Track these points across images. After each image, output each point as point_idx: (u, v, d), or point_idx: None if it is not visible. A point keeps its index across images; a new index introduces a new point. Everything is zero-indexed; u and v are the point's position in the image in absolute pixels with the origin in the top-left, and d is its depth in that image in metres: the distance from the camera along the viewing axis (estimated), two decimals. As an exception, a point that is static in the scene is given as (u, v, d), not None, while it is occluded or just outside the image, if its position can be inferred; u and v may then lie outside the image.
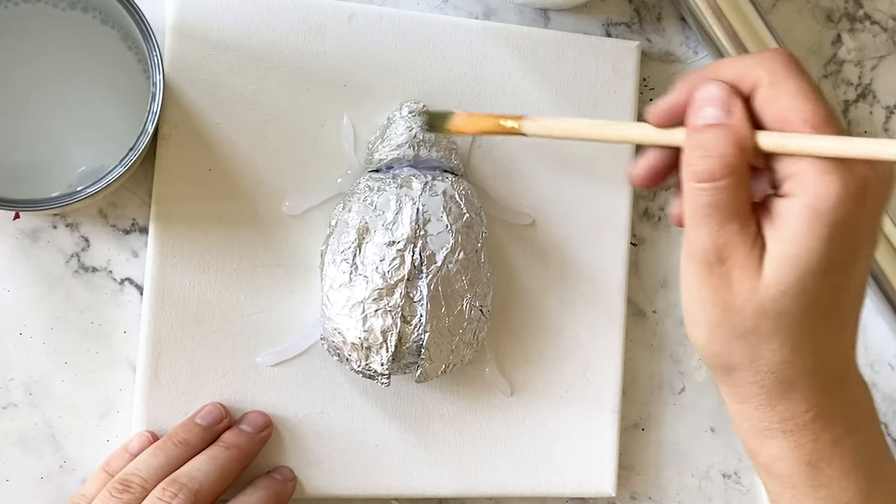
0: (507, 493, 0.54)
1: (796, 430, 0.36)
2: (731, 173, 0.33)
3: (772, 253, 0.33)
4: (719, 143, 0.33)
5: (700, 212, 0.34)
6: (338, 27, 0.51)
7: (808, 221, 0.32)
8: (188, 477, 0.44)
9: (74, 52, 0.46)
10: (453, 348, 0.49)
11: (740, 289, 0.34)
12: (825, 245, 0.32)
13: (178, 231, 0.49)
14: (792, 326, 0.34)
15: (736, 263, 0.34)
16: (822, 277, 0.33)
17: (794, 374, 0.35)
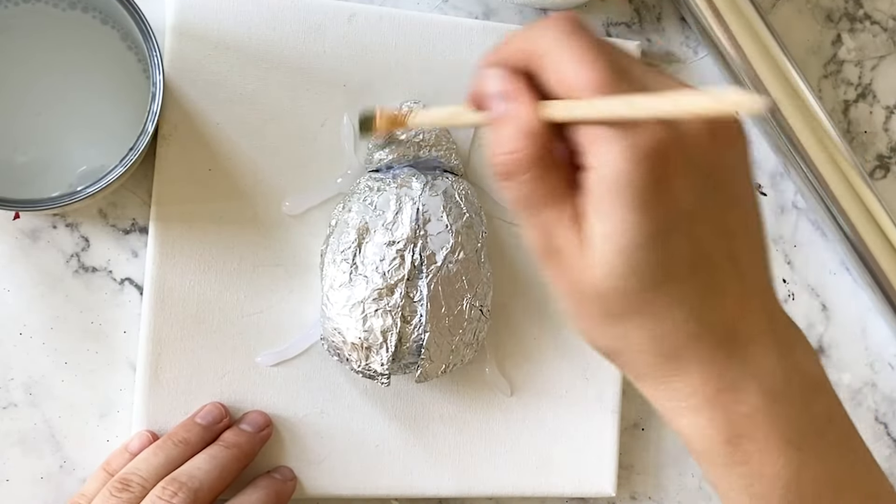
0: (507, 493, 0.54)
1: (703, 407, 0.33)
2: (528, 166, 0.32)
3: (589, 233, 0.32)
4: (509, 140, 0.32)
5: (515, 206, 0.33)
6: (338, 27, 0.51)
7: (611, 195, 0.30)
8: (188, 476, 0.44)
9: (74, 52, 0.46)
10: (453, 348, 0.49)
11: (575, 275, 0.32)
12: (639, 213, 0.30)
13: (178, 231, 0.49)
14: (643, 301, 0.32)
15: (564, 250, 0.32)
16: (651, 246, 0.31)
17: (673, 347, 0.33)
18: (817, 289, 0.60)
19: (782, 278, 0.60)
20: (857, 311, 0.61)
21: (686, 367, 0.33)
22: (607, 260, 0.31)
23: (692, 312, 0.33)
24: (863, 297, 0.61)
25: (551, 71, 0.32)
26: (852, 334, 0.61)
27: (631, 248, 0.31)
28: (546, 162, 0.32)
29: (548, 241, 0.33)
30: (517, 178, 0.32)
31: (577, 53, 0.31)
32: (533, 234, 0.33)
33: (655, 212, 0.31)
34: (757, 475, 0.34)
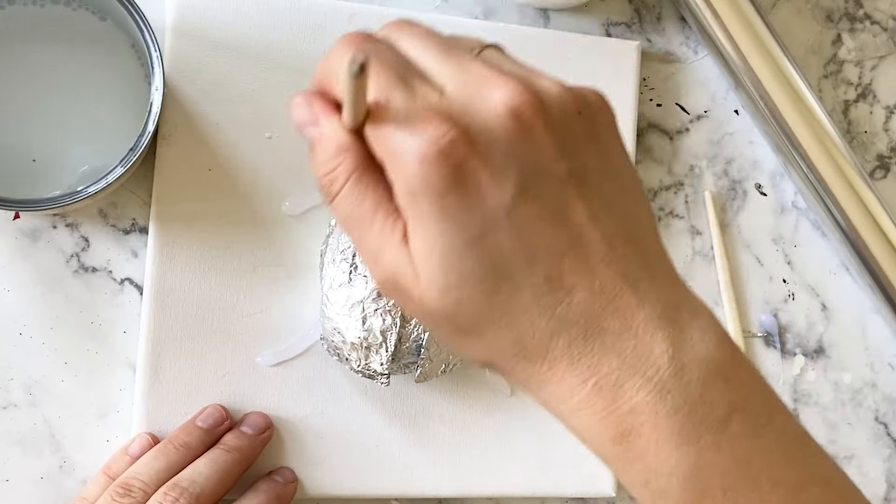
0: (507, 493, 0.53)
1: (584, 407, 0.31)
2: (346, 179, 0.31)
3: (412, 252, 0.30)
4: (325, 160, 0.31)
5: (343, 224, 0.31)
6: (338, 27, 0.51)
7: (413, 206, 0.29)
8: (189, 481, 0.44)
9: (75, 52, 0.46)
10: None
11: (414, 297, 0.31)
12: (447, 222, 0.29)
13: (178, 231, 0.49)
14: (486, 309, 0.30)
15: (396, 273, 0.31)
16: (472, 252, 0.29)
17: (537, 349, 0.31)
18: (817, 289, 0.60)
19: (782, 278, 0.60)
20: (857, 311, 0.61)
21: (556, 366, 0.31)
22: (434, 276, 0.29)
23: (541, 309, 0.30)
24: (863, 297, 0.61)
25: (335, 86, 0.31)
26: (852, 334, 0.61)
27: (451, 257, 0.29)
28: (367, 175, 0.30)
29: (381, 264, 0.31)
30: (341, 192, 0.30)
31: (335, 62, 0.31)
32: (367, 257, 0.31)
33: (464, 214, 0.29)
34: (653, 471, 0.31)
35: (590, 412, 0.31)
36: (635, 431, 0.31)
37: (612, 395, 0.31)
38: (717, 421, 0.31)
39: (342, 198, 0.31)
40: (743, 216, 0.59)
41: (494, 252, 0.29)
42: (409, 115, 0.29)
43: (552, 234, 0.30)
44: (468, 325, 0.31)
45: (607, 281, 0.31)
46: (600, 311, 0.31)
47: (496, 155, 0.29)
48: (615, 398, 0.31)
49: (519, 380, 0.32)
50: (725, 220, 0.59)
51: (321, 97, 0.32)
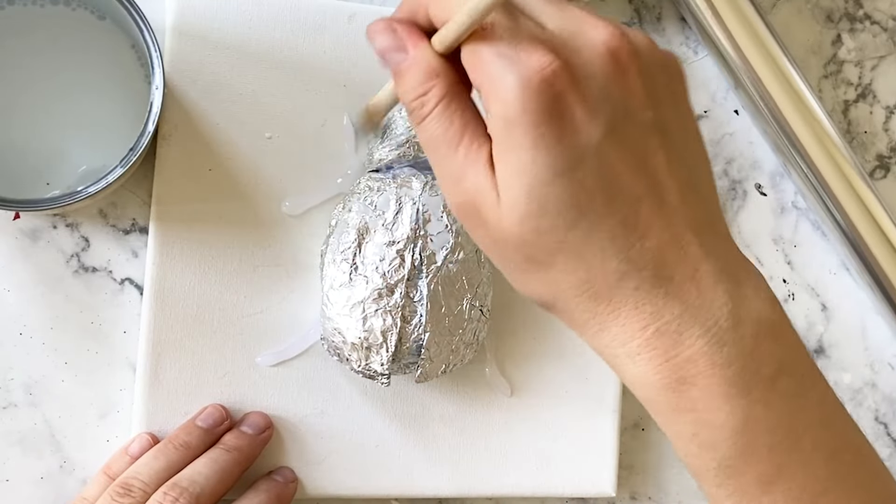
0: (507, 493, 0.54)
1: (642, 352, 0.31)
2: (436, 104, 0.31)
3: (498, 177, 0.30)
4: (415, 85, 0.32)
5: (429, 149, 0.32)
6: (338, 27, 0.51)
7: (507, 132, 0.30)
8: (189, 481, 0.44)
9: (75, 51, 0.46)
10: (453, 348, 0.49)
11: (492, 223, 0.31)
12: (536, 151, 0.29)
13: (178, 231, 0.49)
14: (561, 241, 0.31)
15: (476, 197, 0.31)
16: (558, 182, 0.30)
17: (603, 286, 0.31)
18: (817, 289, 0.60)
19: (782, 278, 0.60)
20: (857, 311, 0.61)
21: (620, 309, 0.31)
22: (517, 202, 0.30)
23: (615, 250, 0.31)
24: (863, 297, 0.61)
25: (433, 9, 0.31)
26: (852, 334, 0.61)
27: (537, 186, 0.30)
28: (457, 101, 0.31)
29: (462, 188, 0.31)
30: (430, 115, 0.31)
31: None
32: (448, 181, 0.32)
33: (556, 146, 0.29)
34: (703, 423, 0.32)
35: (647, 357, 0.31)
36: (690, 380, 0.31)
37: (672, 342, 0.31)
38: (767, 378, 0.31)
39: (431, 120, 0.31)
40: (743, 216, 0.59)
41: (578, 187, 0.30)
42: (513, 42, 0.30)
43: (632, 178, 0.31)
44: (539, 256, 0.31)
45: (678, 230, 0.31)
46: (669, 258, 0.31)
47: (593, 92, 0.30)
48: (674, 345, 0.31)
49: (577, 320, 0.32)
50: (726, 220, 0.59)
51: (405, 24, 0.32)
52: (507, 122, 0.29)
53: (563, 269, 0.31)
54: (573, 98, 0.29)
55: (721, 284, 0.31)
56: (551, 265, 0.31)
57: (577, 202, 0.30)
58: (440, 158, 0.32)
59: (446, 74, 0.31)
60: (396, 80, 0.33)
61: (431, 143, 0.32)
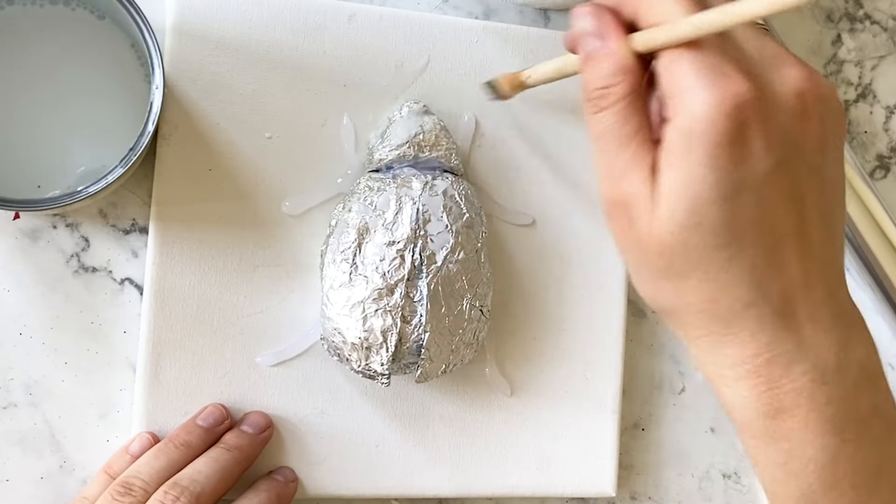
0: (507, 493, 0.54)
1: (749, 377, 0.33)
2: (618, 99, 0.32)
3: (661, 183, 0.31)
4: (603, 75, 0.33)
5: (597, 141, 0.33)
6: (338, 27, 0.51)
7: (687, 145, 0.30)
8: (190, 480, 0.44)
9: (75, 51, 0.46)
10: (453, 348, 0.49)
11: (642, 225, 0.32)
12: (710, 170, 0.30)
13: (178, 231, 0.49)
14: (704, 259, 0.32)
15: (632, 198, 0.32)
16: (720, 204, 0.31)
17: (728, 311, 0.32)
18: (817, 289, 0.60)
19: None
20: (857, 311, 0.61)
21: (739, 333, 0.33)
22: (675, 213, 0.31)
23: (751, 278, 0.32)
24: (863, 297, 0.61)
25: (645, 13, 0.32)
26: (852, 334, 0.61)
27: (700, 203, 0.31)
28: (637, 101, 0.32)
29: (620, 186, 0.32)
30: (609, 109, 0.32)
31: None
32: (608, 176, 0.33)
33: (729, 170, 0.30)
34: (794, 454, 0.33)
35: (753, 383, 0.33)
36: (789, 411, 0.33)
37: (780, 373, 0.32)
38: (861, 420, 0.33)
39: (609, 114, 0.32)
40: (743, 216, 0.59)
41: (737, 212, 0.31)
42: (716, 62, 0.31)
43: (785, 215, 0.32)
44: (678, 267, 0.32)
45: (811, 272, 0.33)
46: (796, 296, 0.33)
47: (775, 126, 0.31)
48: (781, 376, 0.32)
49: (690, 334, 0.34)
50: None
51: (610, 14, 0.33)
52: (690, 135, 0.30)
53: (696, 284, 0.32)
54: (756, 128, 0.31)
55: (835, 329, 0.33)
56: (686, 278, 0.32)
57: (732, 226, 0.31)
58: (607, 152, 0.33)
59: (635, 73, 0.32)
60: (586, 64, 0.33)
61: (603, 136, 0.33)
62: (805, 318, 0.33)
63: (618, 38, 0.33)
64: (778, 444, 0.33)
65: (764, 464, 0.35)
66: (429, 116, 0.51)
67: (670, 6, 0.32)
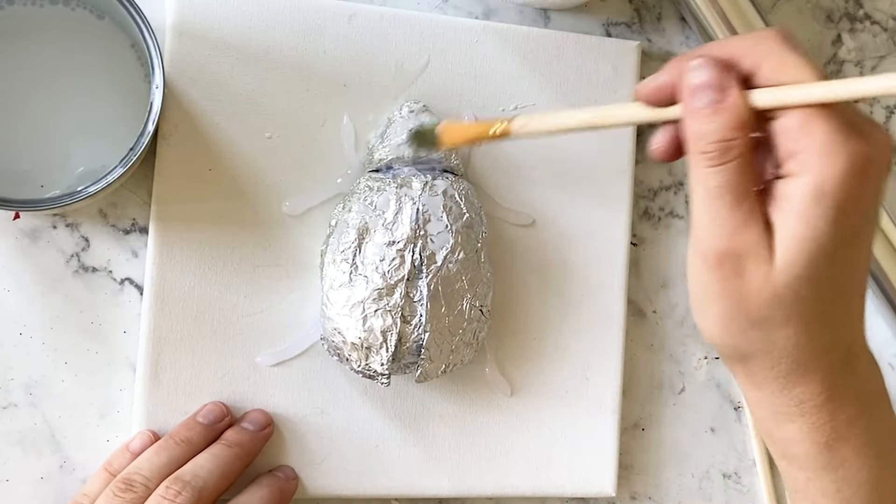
0: (507, 493, 0.54)
1: (812, 412, 0.35)
2: (739, 154, 0.33)
3: (782, 236, 0.33)
4: (722, 129, 0.33)
5: (712, 194, 0.33)
6: (338, 27, 0.51)
7: (815, 201, 0.32)
8: (192, 475, 0.44)
9: (75, 51, 0.46)
10: (453, 348, 0.49)
11: (754, 277, 0.33)
12: (832, 225, 0.32)
13: (178, 231, 0.49)
14: (805, 310, 0.34)
15: (748, 250, 0.33)
16: (832, 257, 0.33)
17: (809, 356, 0.35)
18: (817, 289, 0.60)
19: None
20: (857, 311, 0.61)
21: (812, 376, 0.35)
22: (795, 265, 0.33)
23: (833, 327, 0.34)
24: (863, 297, 0.61)
25: (771, 79, 0.33)
26: (852, 334, 0.61)
27: (819, 256, 0.32)
28: (750, 157, 0.33)
29: (733, 239, 0.33)
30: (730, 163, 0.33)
31: (801, 62, 0.33)
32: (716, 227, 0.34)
33: (846, 222, 0.32)
34: (847, 480, 0.36)
35: (815, 417, 0.36)
36: (843, 439, 0.36)
37: (837, 406, 0.35)
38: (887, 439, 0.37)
39: (729, 168, 0.33)
40: (743, 216, 0.59)
41: (843, 264, 0.33)
42: (846, 124, 0.32)
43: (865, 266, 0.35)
44: (779, 317, 0.34)
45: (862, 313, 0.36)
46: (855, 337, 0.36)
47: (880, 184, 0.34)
48: (837, 409, 0.35)
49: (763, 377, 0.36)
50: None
51: (727, 68, 0.34)
52: (820, 193, 0.32)
53: (790, 333, 0.34)
54: (871, 187, 0.33)
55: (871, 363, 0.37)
56: (783, 326, 0.34)
57: (835, 279, 0.33)
58: (721, 206, 0.34)
59: (750, 129, 0.33)
60: (699, 117, 0.34)
61: (718, 190, 0.33)
62: (856, 356, 0.36)
63: (739, 92, 0.33)
64: (833, 473, 0.36)
65: (813, 494, 0.37)
66: (429, 116, 0.51)
67: (802, 69, 0.33)
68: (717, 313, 0.35)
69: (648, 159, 0.58)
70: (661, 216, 0.58)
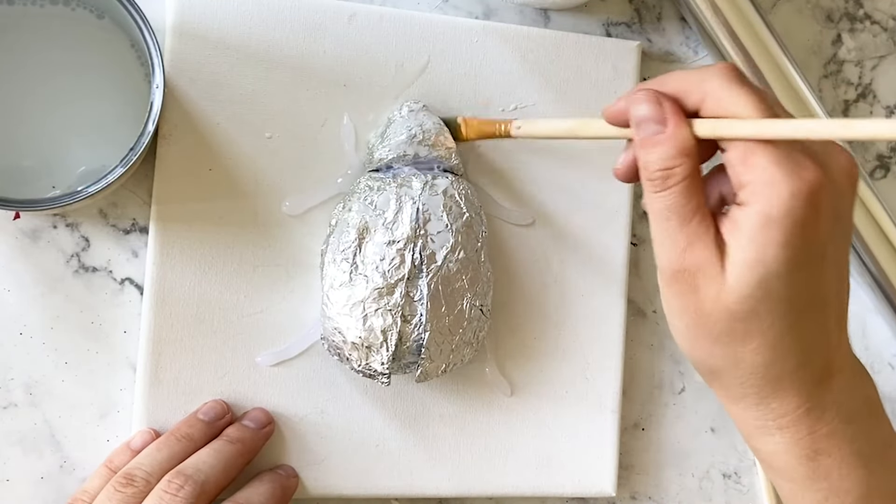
0: (507, 493, 0.53)
1: (791, 426, 0.36)
2: (681, 180, 0.35)
3: (732, 258, 0.34)
4: (664, 157, 0.35)
5: (660, 216, 0.36)
6: (338, 27, 0.51)
7: (763, 228, 0.33)
8: (194, 469, 0.44)
9: (75, 51, 0.46)
10: (453, 348, 0.49)
11: (707, 293, 0.35)
12: (783, 249, 0.33)
13: (178, 231, 0.49)
14: (766, 327, 0.35)
15: (699, 267, 0.35)
16: (787, 278, 0.34)
17: (780, 372, 0.36)
18: (817, 289, 0.60)
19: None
20: (857, 311, 0.61)
21: (786, 391, 0.36)
22: (746, 285, 0.34)
23: (802, 344, 0.35)
24: (863, 297, 0.61)
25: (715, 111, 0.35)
26: (852, 334, 0.60)
27: (771, 278, 0.34)
28: (697, 179, 0.35)
29: (682, 255, 0.35)
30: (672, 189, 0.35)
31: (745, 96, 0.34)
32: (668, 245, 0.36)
33: (800, 248, 0.34)
34: (833, 490, 0.37)
35: (793, 431, 0.37)
36: (826, 452, 0.37)
37: (816, 419, 0.36)
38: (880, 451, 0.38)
39: (672, 193, 0.35)
40: (743, 216, 0.59)
41: (802, 286, 0.34)
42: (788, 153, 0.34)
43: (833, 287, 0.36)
44: (739, 333, 0.35)
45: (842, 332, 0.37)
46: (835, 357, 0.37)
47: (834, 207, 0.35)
48: (817, 422, 0.36)
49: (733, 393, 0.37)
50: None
51: (671, 102, 0.36)
52: (768, 219, 0.33)
53: (754, 349, 0.35)
54: (825, 211, 0.34)
55: (853, 376, 0.38)
56: (745, 343, 0.35)
57: (795, 298, 0.34)
58: (669, 227, 0.35)
59: (695, 155, 0.35)
60: (644, 147, 0.36)
61: (664, 212, 0.35)
62: (836, 371, 0.37)
63: (678, 123, 0.35)
64: (818, 483, 0.37)
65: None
66: (429, 116, 0.51)
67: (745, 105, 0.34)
68: (682, 328, 0.37)
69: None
70: (661, 216, 0.58)
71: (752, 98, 0.35)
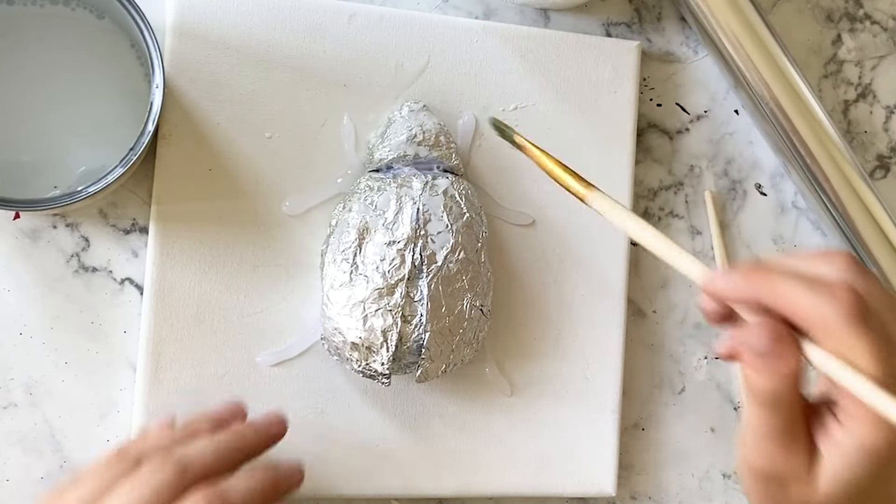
0: (507, 493, 0.53)
1: None
2: (788, 405, 0.36)
3: (826, 470, 0.36)
4: (773, 385, 0.35)
5: (759, 432, 0.37)
6: (338, 27, 0.51)
7: (859, 455, 0.35)
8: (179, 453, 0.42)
9: (75, 51, 0.46)
10: (453, 348, 0.49)
11: (798, 495, 0.37)
12: (872, 473, 0.36)
13: (178, 231, 0.49)
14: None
15: (792, 477, 0.37)
16: (866, 495, 0.36)
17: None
18: (817, 289, 0.60)
19: (782, 278, 0.59)
20: (857, 311, 0.61)
21: None
22: (831, 492, 0.36)
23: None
24: (863, 297, 0.60)
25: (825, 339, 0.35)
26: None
27: (856, 493, 0.36)
28: (799, 400, 0.36)
29: (777, 468, 0.37)
30: (775, 409, 0.36)
31: (865, 345, 0.34)
32: (764, 459, 0.37)
33: (885, 473, 0.36)
34: None
35: None
36: None
37: None
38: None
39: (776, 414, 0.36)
40: (743, 216, 0.59)
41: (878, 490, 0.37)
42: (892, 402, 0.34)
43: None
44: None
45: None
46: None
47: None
48: None
49: None
50: (725, 220, 0.59)
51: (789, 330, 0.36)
52: (863, 448, 0.35)
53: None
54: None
55: None
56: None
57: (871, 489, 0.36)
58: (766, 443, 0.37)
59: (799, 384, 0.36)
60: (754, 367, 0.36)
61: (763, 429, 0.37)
62: None
63: (795, 356, 0.35)
64: None
65: None
66: (429, 116, 0.51)
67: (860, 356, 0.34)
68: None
69: (649, 159, 0.58)
70: (660, 216, 0.58)
71: (874, 348, 0.34)
